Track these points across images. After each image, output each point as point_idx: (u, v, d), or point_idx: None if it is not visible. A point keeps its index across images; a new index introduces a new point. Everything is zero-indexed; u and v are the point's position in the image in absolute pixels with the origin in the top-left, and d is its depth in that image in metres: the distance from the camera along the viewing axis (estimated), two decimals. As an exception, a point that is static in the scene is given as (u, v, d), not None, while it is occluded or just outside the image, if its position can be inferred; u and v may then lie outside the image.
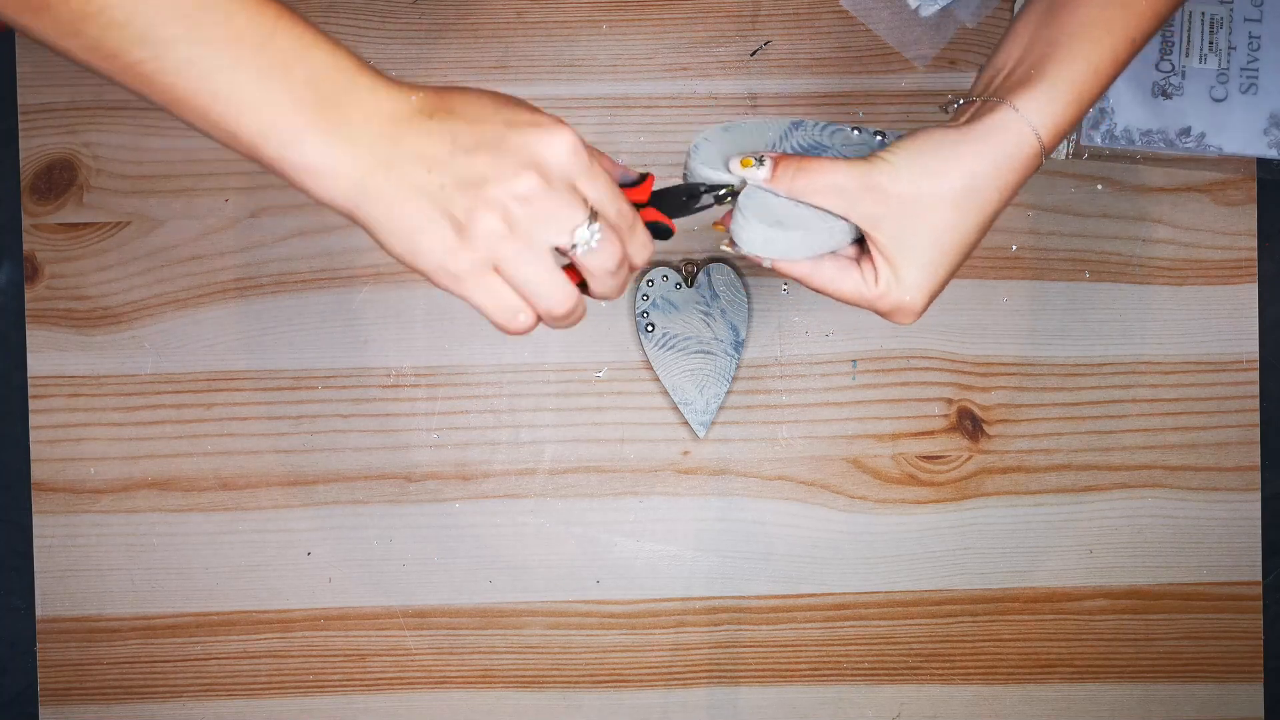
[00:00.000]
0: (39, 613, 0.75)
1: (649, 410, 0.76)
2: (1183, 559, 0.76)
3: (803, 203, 0.51)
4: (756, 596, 0.76)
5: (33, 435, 0.75)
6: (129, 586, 0.75)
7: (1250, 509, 0.76)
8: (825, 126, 0.55)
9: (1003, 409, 0.76)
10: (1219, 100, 0.73)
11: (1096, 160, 0.75)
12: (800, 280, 0.53)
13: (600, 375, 0.76)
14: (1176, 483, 0.76)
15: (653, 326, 0.74)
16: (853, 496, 0.76)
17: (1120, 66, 0.51)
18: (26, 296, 0.75)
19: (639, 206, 0.50)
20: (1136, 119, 0.73)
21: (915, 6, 0.74)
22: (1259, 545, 0.76)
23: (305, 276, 0.75)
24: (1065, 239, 0.76)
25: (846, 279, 0.52)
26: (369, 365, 0.75)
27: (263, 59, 0.42)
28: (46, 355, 0.75)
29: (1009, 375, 0.76)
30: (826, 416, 0.76)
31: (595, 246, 0.46)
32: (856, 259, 0.52)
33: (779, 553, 0.76)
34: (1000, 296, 0.76)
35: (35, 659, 0.75)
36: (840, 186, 0.50)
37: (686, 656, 0.76)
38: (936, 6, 0.73)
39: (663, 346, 0.74)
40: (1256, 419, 0.76)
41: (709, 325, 0.74)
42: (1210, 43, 0.73)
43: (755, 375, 0.76)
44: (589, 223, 0.46)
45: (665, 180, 0.53)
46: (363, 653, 0.75)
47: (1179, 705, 0.76)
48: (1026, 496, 0.76)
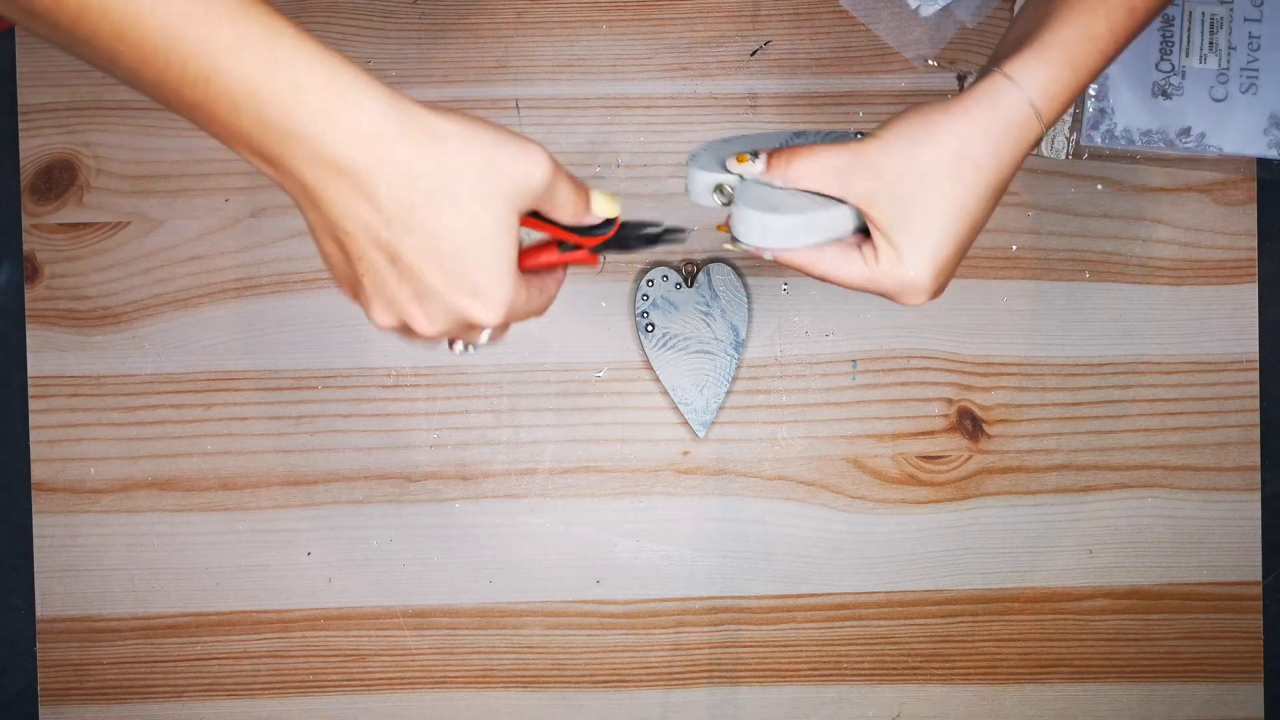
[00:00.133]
0: (39, 613, 0.75)
1: (649, 410, 0.76)
2: (1183, 559, 0.76)
3: (800, 191, 0.52)
4: (756, 596, 0.76)
5: (33, 435, 0.75)
6: (129, 586, 0.75)
7: (1250, 509, 0.76)
8: (828, 135, 0.55)
9: (1003, 409, 0.76)
10: (1219, 100, 0.73)
11: (1096, 160, 0.75)
12: (803, 269, 0.53)
13: (600, 375, 0.76)
14: (1176, 483, 0.76)
15: (653, 326, 0.74)
16: (853, 496, 0.76)
17: (1120, 36, 0.51)
18: (26, 296, 0.75)
19: (590, 231, 0.50)
20: (1136, 119, 0.73)
21: (915, 6, 0.74)
22: (1259, 545, 0.76)
23: (305, 276, 0.75)
24: (1065, 239, 0.76)
25: (849, 263, 0.52)
26: (369, 365, 0.75)
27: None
28: (46, 355, 0.74)
29: (1009, 375, 0.76)
30: (826, 416, 0.76)
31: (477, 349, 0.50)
32: (858, 245, 0.52)
33: (779, 553, 0.76)
34: (1000, 296, 0.76)
35: (35, 659, 0.75)
36: (833, 166, 0.50)
37: (686, 656, 0.76)
38: (936, 6, 0.73)
39: (663, 346, 0.74)
40: (1256, 419, 0.76)
41: (709, 325, 0.74)
42: (1210, 43, 0.73)
43: (755, 375, 0.76)
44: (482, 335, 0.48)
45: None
46: (363, 653, 0.75)
47: (1179, 705, 0.76)
48: (1026, 496, 0.76)
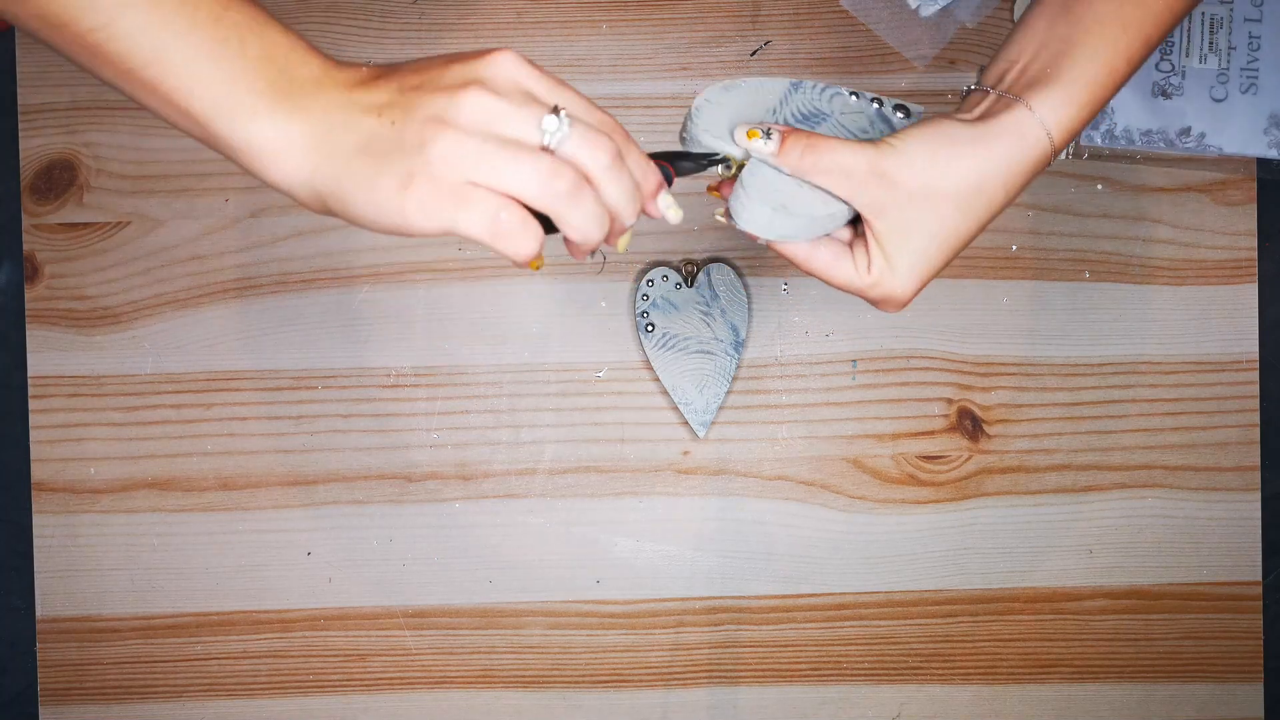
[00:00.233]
0: (39, 613, 0.75)
1: (649, 410, 0.76)
2: (1183, 559, 0.76)
3: (806, 182, 0.50)
4: (756, 596, 0.76)
5: (33, 435, 0.75)
6: (129, 586, 0.75)
7: (1250, 509, 0.76)
8: (825, 89, 0.54)
9: (1003, 409, 0.76)
10: (1219, 100, 0.73)
11: (1096, 160, 0.75)
12: (793, 260, 0.52)
13: (600, 375, 0.76)
14: (1176, 483, 0.76)
15: (653, 326, 0.74)
16: (853, 496, 0.76)
17: (1135, 66, 0.51)
18: (26, 296, 0.75)
19: None
20: (1136, 119, 0.73)
21: (915, 6, 0.74)
22: (1259, 545, 0.76)
23: (305, 276, 0.75)
24: (1065, 239, 0.76)
25: (840, 266, 0.51)
26: (369, 365, 0.75)
27: (217, 31, 0.41)
28: (46, 355, 0.74)
29: (1009, 375, 0.76)
30: (826, 416, 0.76)
31: (570, 134, 0.43)
32: (850, 243, 0.52)
33: (779, 553, 0.76)
34: (1000, 296, 0.76)
35: (35, 659, 0.75)
36: (848, 169, 0.49)
37: (686, 656, 0.76)
38: (936, 6, 0.73)
39: (663, 346, 0.74)
40: (1256, 419, 0.76)
41: (709, 325, 0.74)
42: (1210, 43, 0.73)
43: (755, 375, 0.76)
44: (554, 115, 0.43)
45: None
46: (363, 653, 0.75)
47: (1179, 705, 0.76)
48: (1026, 496, 0.76)
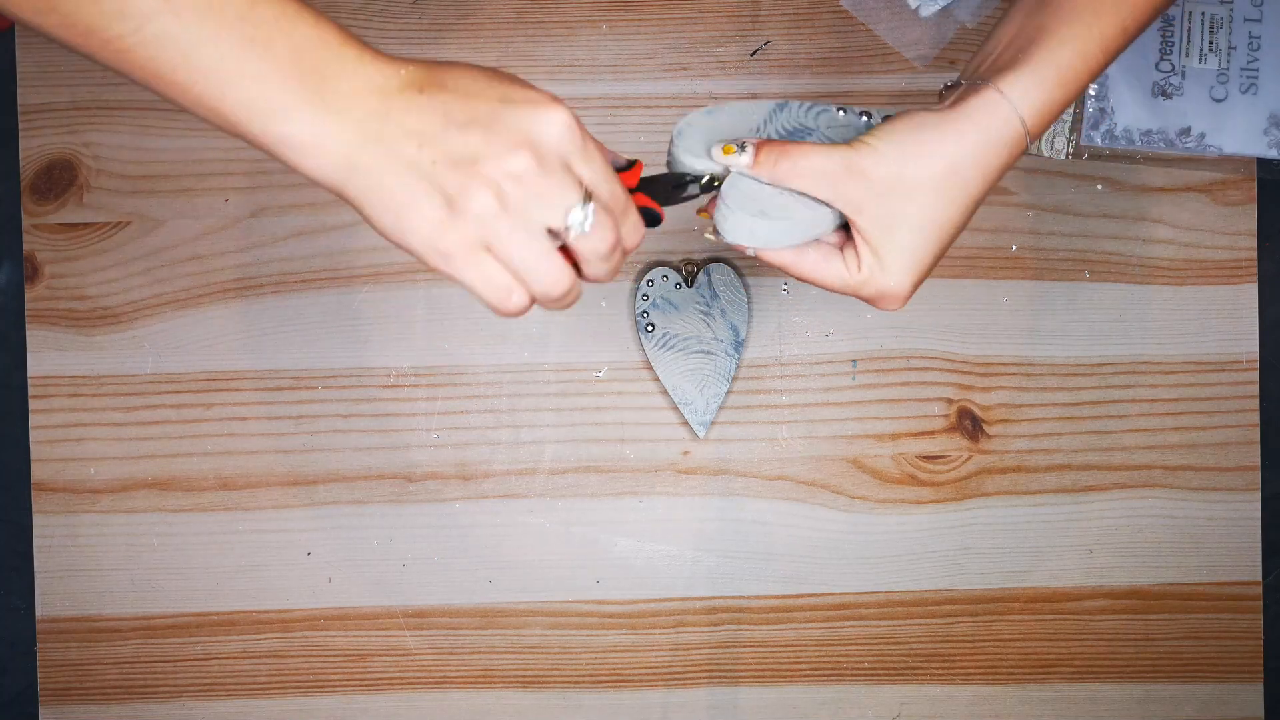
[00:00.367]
0: (39, 613, 0.75)
1: (649, 410, 0.76)
2: (1183, 559, 0.76)
3: (786, 189, 0.51)
4: (756, 596, 0.76)
5: (33, 435, 0.75)
6: (129, 586, 0.75)
7: (1250, 509, 0.76)
8: (811, 107, 0.55)
9: (1003, 409, 0.76)
10: (1219, 100, 0.73)
11: (1096, 160, 0.75)
12: (783, 268, 0.53)
13: (600, 375, 0.76)
14: (1176, 483, 0.76)
15: (653, 326, 0.74)
16: (853, 496, 0.76)
17: (1111, 54, 0.51)
18: (26, 296, 0.75)
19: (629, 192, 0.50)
20: (1136, 119, 0.73)
21: (915, 6, 0.74)
22: (1259, 545, 0.76)
23: (305, 276, 0.75)
24: (1065, 239, 0.76)
25: (829, 267, 0.52)
26: (369, 365, 0.75)
27: (244, 31, 0.41)
28: (46, 355, 0.75)
29: (1009, 375, 0.76)
30: (826, 416, 0.76)
31: (589, 230, 0.45)
32: (840, 246, 0.52)
33: (779, 553, 0.76)
34: (1000, 296, 0.76)
35: (35, 659, 0.75)
36: (822, 171, 0.50)
37: (686, 656, 0.76)
38: (936, 6, 0.73)
39: (663, 346, 0.74)
40: (1256, 419, 0.76)
41: (709, 325, 0.74)
42: (1210, 43, 0.73)
43: (755, 375, 0.76)
44: (583, 204, 0.44)
45: (651, 169, 0.53)
46: (363, 653, 0.75)
47: (1179, 705, 0.76)
48: (1026, 496, 0.76)
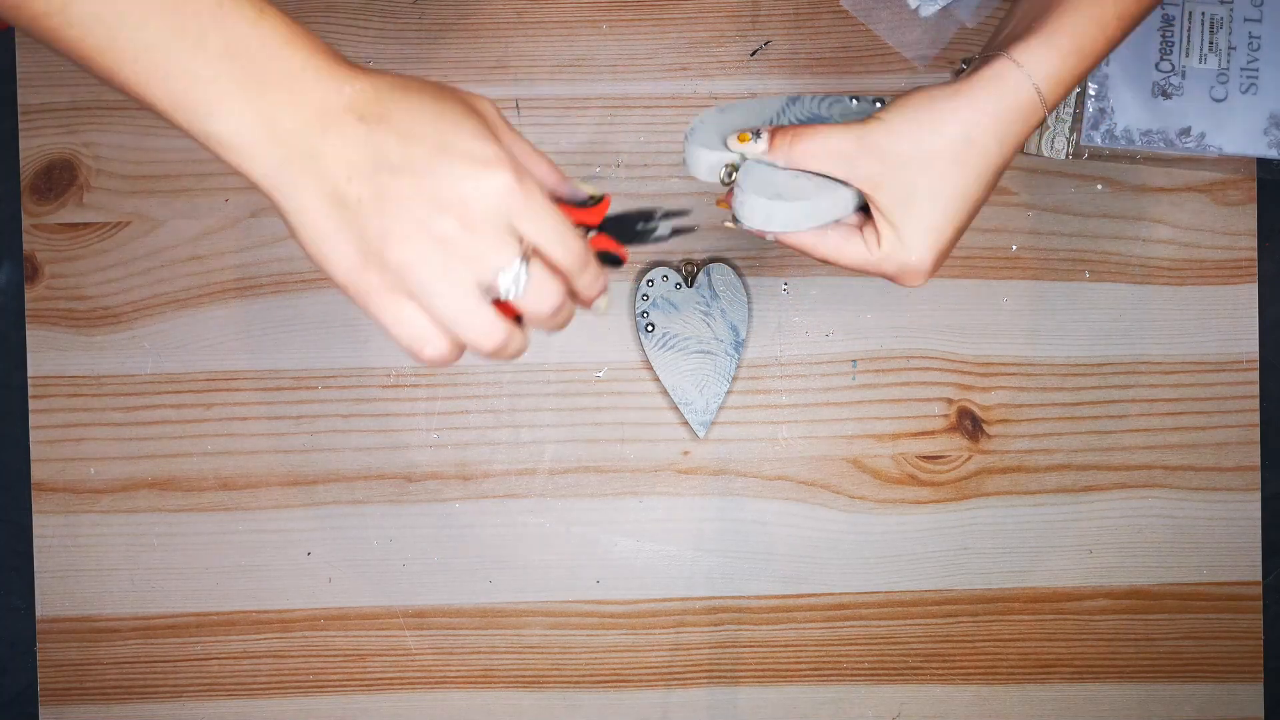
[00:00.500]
0: (39, 613, 0.75)
1: (649, 410, 0.76)
2: (1183, 559, 0.76)
3: (803, 172, 0.51)
4: (756, 596, 0.76)
5: (33, 435, 0.75)
6: (129, 586, 0.75)
7: (1250, 509, 0.76)
8: (823, 99, 0.55)
9: (1003, 409, 0.76)
10: (1219, 100, 0.73)
11: (1096, 160, 0.75)
12: (805, 251, 0.53)
13: (600, 375, 0.76)
14: (1176, 483, 0.76)
15: (653, 326, 0.74)
16: (853, 496, 0.76)
17: (1126, 23, 0.51)
18: (26, 296, 0.75)
19: (590, 229, 0.47)
20: (1136, 119, 0.73)
21: (915, 6, 0.74)
22: (1259, 545, 0.76)
23: (305, 276, 0.75)
24: (1065, 239, 0.76)
25: (850, 246, 0.52)
26: (369, 365, 0.75)
27: (174, 21, 0.39)
28: (46, 355, 0.74)
29: (1009, 375, 0.76)
30: (826, 416, 0.76)
31: (525, 290, 0.42)
32: (860, 226, 0.52)
33: (779, 553, 0.76)
34: (1000, 296, 0.76)
35: (35, 659, 0.75)
36: (837, 149, 0.50)
37: (686, 656, 0.76)
38: (936, 6, 0.73)
39: (663, 346, 0.74)
40: (1256, 419, 0.76)
41: (709, 325, 0.74)
42: (1210, 43, 0.73)
43: (755, 375, 0.76)
44: (518, 264, 0.42)
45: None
46: (363, 653, 0.75)
47: (1179, 705, 0.76)
48: (1026, 496, 0.76)
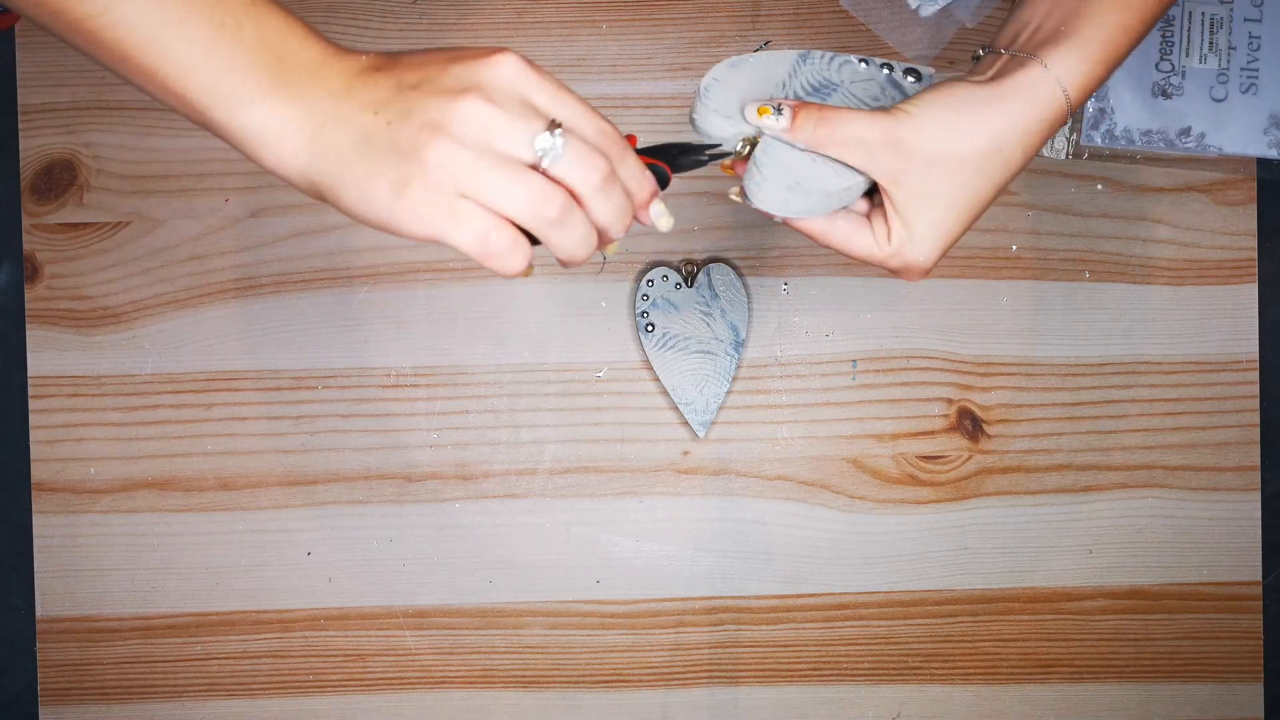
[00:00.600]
0: (39, 613, 0.75)
1: (649, 410, 0.76)
2: (1183, 559, 0.76)
3: (820, 155, 0.49)
4: (756, 596, 0.76)
5: (33, 435, 0.75)
6: (129, 586, 0.75)
7: (1250, 509, 0.76)
8: (833, 59, 0.53)
9: (1003, 409, 0.76)
10: (1219, 100, 0.73)
11: (1096, 160, 0.75)
12: (810, 236, 0.52)
13: (600, 375, 0.76)
14: (1176, 483, 0.76)
15: (653, 326, 0.74)
16: (853, 496, 0.76)
17: (1148, 27, 0.50)
18: (26, 296, 0.75)
19: None
20: (1136, 119, 0.73)
21: (915, 6, 0.74)
22: (1259, 545, 0.76)
23: (305, 276, 0.75)
24: (1065, 239, 0.76)
25: (859, 238, 0.51)
26: (369, 365, 0.75)
27: (212, 16, 0.42)
28: (46, 355, 0.74)
29: (1009, 375, 0.76)
30: (826, 416, 0.76)
31: (564, 153, 0.43)
32: (868, 214, 0.52)
33: (779, 553, 0.76)
34: (1000, 296, 0.76)
35: (35, 659, 0.75)
36: (862, 139, 0.48)
37: (686, 656, 0.76)
38: (936, 6, 0.73)
39: (663, 346, 0.74)
40: (1256, 419, 0.76)
41: (709, 325, 0.74)
42: (1210, 43, 0.73)
43: (755, 375, 0.76)
44: (550, 132, 0.43)
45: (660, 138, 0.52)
46: (363, 653, 0.75)
47: (1179, 705, 0.76)
48: (1026, 496, 0.76)
